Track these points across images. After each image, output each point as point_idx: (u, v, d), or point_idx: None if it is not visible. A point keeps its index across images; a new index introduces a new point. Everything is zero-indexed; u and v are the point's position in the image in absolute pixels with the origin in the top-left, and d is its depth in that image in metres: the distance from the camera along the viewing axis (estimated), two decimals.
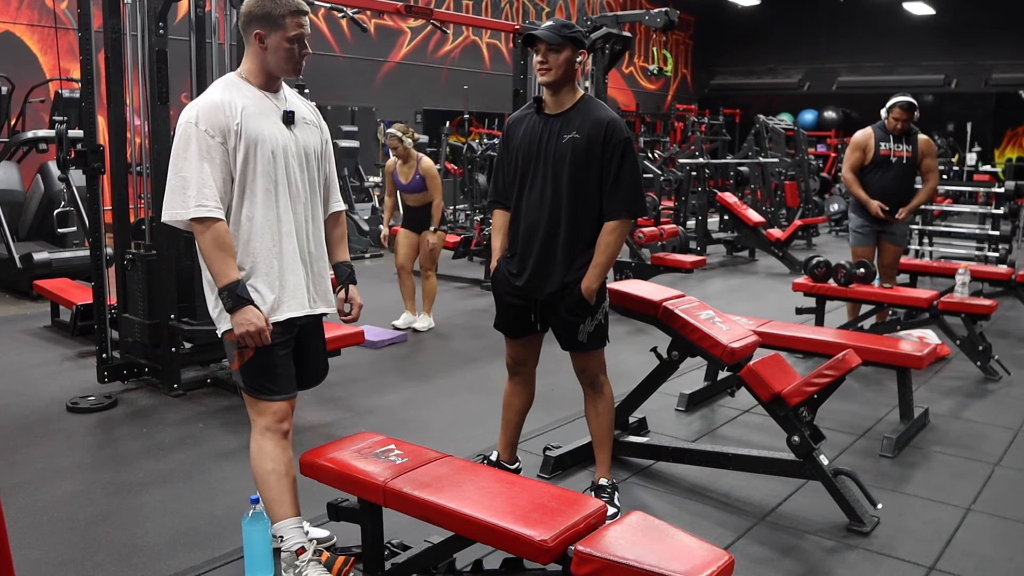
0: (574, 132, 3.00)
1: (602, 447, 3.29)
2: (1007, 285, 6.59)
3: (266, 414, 2.58)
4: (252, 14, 2.51)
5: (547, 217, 3.06)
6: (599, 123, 2.99)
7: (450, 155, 12.06)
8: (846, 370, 3.22)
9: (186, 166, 2.44)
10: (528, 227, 3.11)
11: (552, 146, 3.03)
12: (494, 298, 3.31)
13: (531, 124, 3.12)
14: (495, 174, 3.30)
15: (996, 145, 19.21)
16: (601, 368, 3.24)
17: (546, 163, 3.04)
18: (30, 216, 7.62)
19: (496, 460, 3.44)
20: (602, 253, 3.03)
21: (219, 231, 2.45)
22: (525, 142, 3.10)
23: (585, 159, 3.00)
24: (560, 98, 3.07)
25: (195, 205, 2.43)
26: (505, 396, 3.42)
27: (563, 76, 3.01)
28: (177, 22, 5.78)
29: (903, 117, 5.52)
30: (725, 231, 10.92)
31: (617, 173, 2.99)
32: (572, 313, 3.07)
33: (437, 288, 6.42)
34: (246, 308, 2.45)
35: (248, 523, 2.52)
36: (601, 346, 3.20)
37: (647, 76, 20.89)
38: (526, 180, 3.11)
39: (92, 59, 4.50)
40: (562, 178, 3.02)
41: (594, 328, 3.12)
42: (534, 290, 3.11)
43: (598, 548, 2.09)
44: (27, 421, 4.16)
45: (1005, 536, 3.14)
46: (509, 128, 3.21)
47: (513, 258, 3.17)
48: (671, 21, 6.86)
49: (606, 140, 2.98)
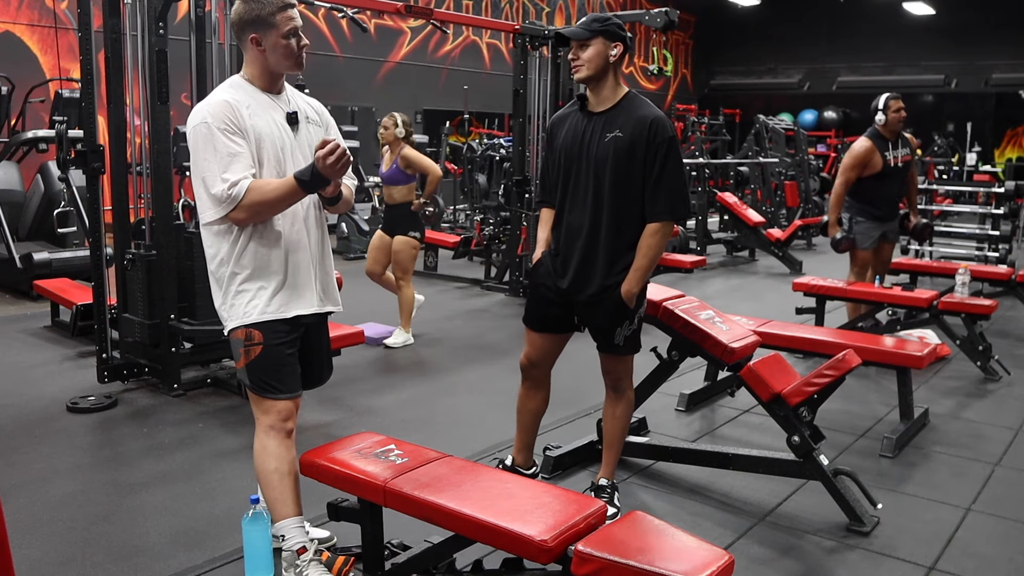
0: (617, 131, 2.94)
1: (611, 449, 3.28)
2: (1007, 285, 6.60)
3: (271, 413, 2.58)
4: (243, 20, 2.52)
5: (590, 217, 3.01)
6: (642, 121, 2.92)
7: (450, 155, 12.06)
8: (846, 370, 3.22)
9: (207, 162, 2.43)
10: (571, 227, 3.06)
11: (595, 145, 2.98)
12: (531, 290, 3.26)
13: (574, 122, 3.06)
14: (542, 174, 3.28)
15: (996, 145, 19.19)
16: (628, 372, 3.21)
17: (588, 163, 2.99)
18: (30, 216, 7.62)
19: (512, 464, 3.41)
20: (643, 256, 2.98)
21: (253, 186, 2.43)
22: (568, 141, 3.05)
23: (628, 159, 2.93)
24: (601, 95, 3.00)
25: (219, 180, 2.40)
26: (519, 399, 3.36)
27: (597, 71, 2.95)
28: (177, 22, 5.78)
29: (903, 107, 5.50)
30: (725, 231, 10.92)
31: (660, 173, 2.92)
32: (611, 316, 3.03)
33: (415, 299, 5.81)
34: (314, 166, 2.42)
35: (248, 523, 2.52)
36: (634, 351, 3.17)
37: (647, 76, 20.88)
38: (569, 179, 3.06)
39: (92, 59, 4.50)
40: (604, 178, 2.96)
41: (631, 332, 3.09)
42: (576, 292, 3.07)
43: (598, 548, 2.09)
44: (27, 421, 4.16)
45: (1005, 536, 3.14)
46: (553, 127, 3.18)
47: (557, 256, 3.13)
48: (671, 21, 6.86)
49: (650, 139, 2.91)
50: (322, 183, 2.47)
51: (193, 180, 2.50)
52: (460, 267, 8.87)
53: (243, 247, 2.53)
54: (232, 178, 2.42)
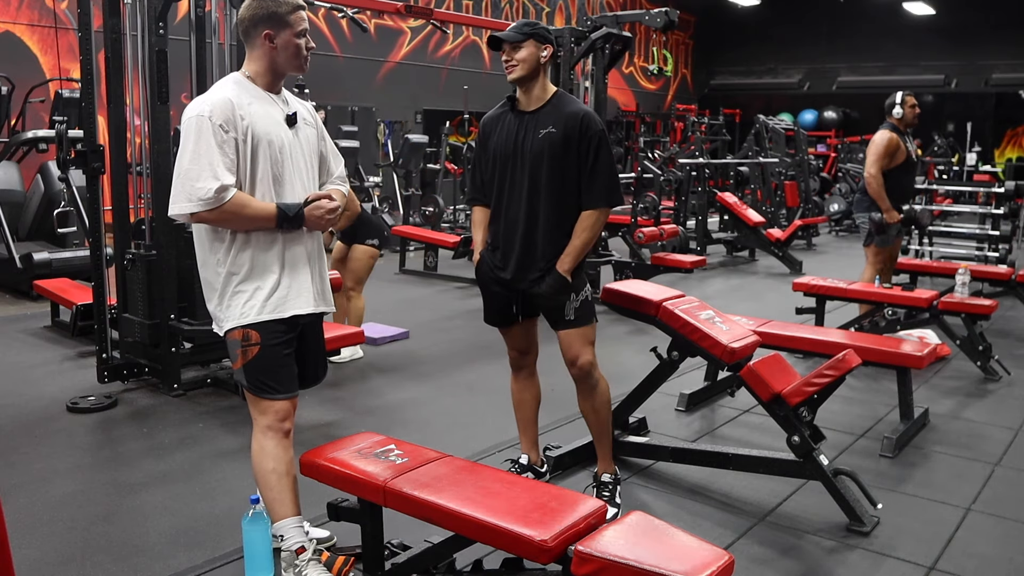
0: (550, 127, 3.07)
1: (601, 441, 3.32)
2: (1007, 285, 6.59)
3: (268, 413, 2.59)
4: (257, 16, 2.53)
5: (527, 212, 3.12)
6: (574, 116, 3.06)
7: (450, 155, 12.07)
8: (846, 370, 3.22)
9: (200, 156, 2.43)
10: (509, 223, 3.16)
11: (529, 142, 3.09)
12: (481, 291, 3.35)
13: (507, 122, 3.18)
14: (473, 172, 3.36)
15: (996, 145, 19.20)
16: (590, 350, 3.20)
17: (524, 159, 3.11)
18: (30, 216, 7.62)
19: (528, 464, 3.44)
20: (577, 237, 3.09)
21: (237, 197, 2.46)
22: (502, 140, 3.16)
23: (563, 153, 3.06)
24: (532, 95, 3.13)
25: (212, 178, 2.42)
26: (514, 395, 3.43)
27: (529, 72, 3.08)
28: (177, 22, 5.78)
29: (917, 103, 5.69)
30: (725, 231, 10.92)
31: (594, 164, 3.06)
32: (555, 293, 3.11)
33: (364, 311, 5.39)
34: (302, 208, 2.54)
35: (248, 523, 2.52)
36: (589, 322, 3.20)
37: (647, 76, 20.89)
38: (505, 177, 3.16)
39: (92, 59, 4.50)
40: (541, 173, 3.08)
41: (580, 304, 3.16)
42: (519, 281, 3.16)
43: (598, 548, 2.09)
44: (27, 421, 4.16)
45: (1005, 536, 3.14)
46: (485, 127, 3.27)
47: (496, 251, 3.22)
48: (671, 21, 6.86)
49: (582, 133, 3.05)
50: (298, 225, 2.56)
51: (176, 166, 2.48)
52: (460, 267, 8.86)
53: (239, 248, 2.54)
54: (225, 182, 2.43)
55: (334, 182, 2.82)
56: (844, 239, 12.66)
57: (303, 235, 2.63)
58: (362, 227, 5.28)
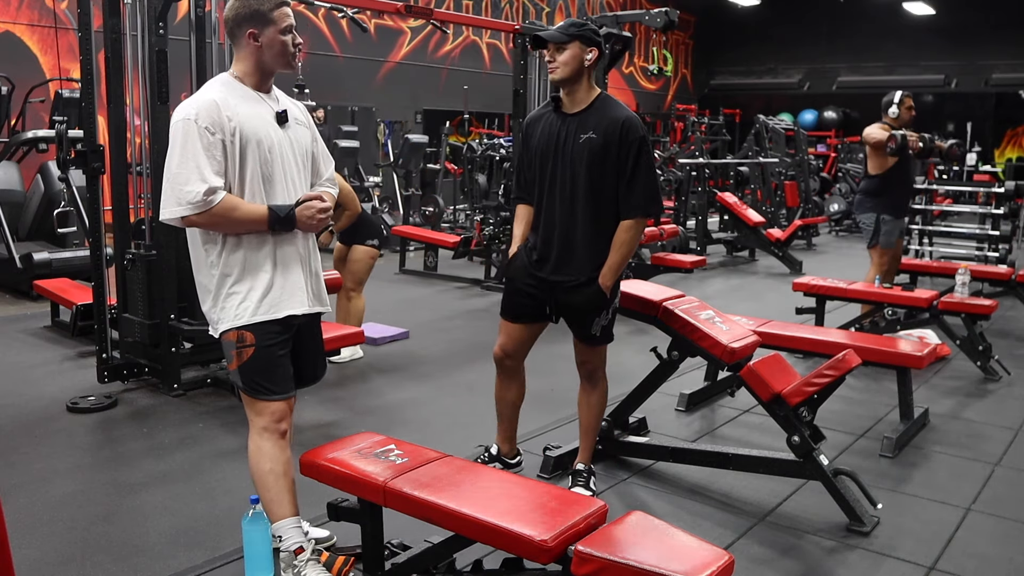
0: (591, 132, 3.03)
1: (587, 435, 3.40)
2: (1007, 285, 6.60)
3: (264, 414, 2.58)
4: (240, 15, 2.53)
5: (567, 215, 3.11)
6: (615, 122, 3.02)
7: (450, 155, 12.06)
8: (846, 370, 3.22)
9: (187, 160, 2.43)
10: (548, 224, 3.16)
11: (569, 146, 3.07)
12: (507, 283, 3.35)
13: (549, 123, 3.15)
14: (517, 171, 3.36)
15: (996, 145, 19.19)
16: (602, 362, 3.33)
17: (564, 163, 3.09)
18: (30, 216, 7.62)
19: (497, 454, 3.49)
20: (617, 251, 3.08)
21: (227, 199, 2.45)
22: (543, 141, 3.14)
23: (602, 159, 3.03)
24: (575, 97, 3.09)
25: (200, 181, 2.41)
26: (496, 391, 3.46)
27: (572, 74, 3.03)
28: (177, 22, 5.77)
29: (914, 105, 5.70)
30: (725, 231, 10.92)
31: (633, 172, 3.03)
32: (590, 306, 3.12)
33: (364, 311, 5.38)
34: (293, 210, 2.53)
35: (248, 523, 2.52)
36: (608, 341, 3.28)
37: (647, 76, 20.88)
38: (545, 178, 3.15)
39: (92, 59, 4.49)
40: (580, 178, 3.06)
41: (607, 323, 3.20)
42: (559, 281, 3.16)
43: (598, 548, 2.09)
44: (27, 421, 4.16)
45: (1005, 536, 3.14)
46: (528, 127, 3.26)
47: (535, 250, 3.21)
48: (671, 21, 6.85)
49: (622, 139, 3.01)
50: (290, 226, 2.55)
51: (165, 171, 2.48)
52: (460, 267, 8.87)
53: (232, 249, 2.54)
54: (212, 185, 2.42)
55: (323, 184, 2.80)
56: (844, 239, 12.66)
57: (295, 235, 2.62)
58: (362, 227, 5.25)
